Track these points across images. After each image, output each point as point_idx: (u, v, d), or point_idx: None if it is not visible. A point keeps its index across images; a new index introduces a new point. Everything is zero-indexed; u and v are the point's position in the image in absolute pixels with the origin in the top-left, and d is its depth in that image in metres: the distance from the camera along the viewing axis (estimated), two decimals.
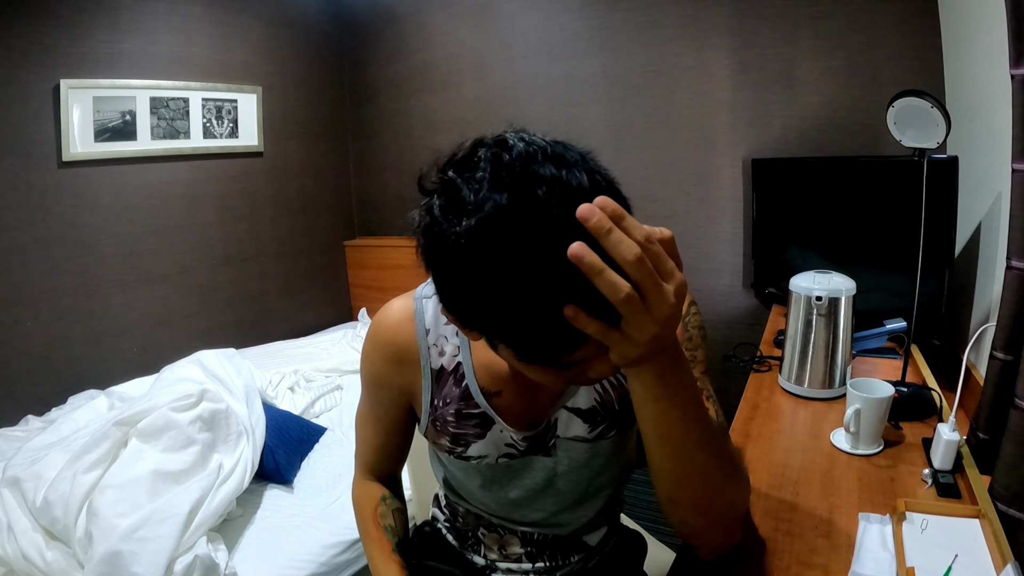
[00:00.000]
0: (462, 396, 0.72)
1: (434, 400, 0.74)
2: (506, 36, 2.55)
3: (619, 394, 0.73)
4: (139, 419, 1.45)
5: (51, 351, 2.09)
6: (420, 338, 0.72)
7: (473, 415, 0.72)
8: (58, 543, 1.29)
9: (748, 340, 1.59)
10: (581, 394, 0.72)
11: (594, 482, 0.77)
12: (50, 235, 2.08)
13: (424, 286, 0.75)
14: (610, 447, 0.75)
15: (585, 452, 0.74)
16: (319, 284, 3.09)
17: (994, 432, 0.86)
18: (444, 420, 0.74)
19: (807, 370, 1.20)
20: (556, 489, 0.76)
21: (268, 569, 1.31)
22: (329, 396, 2.12)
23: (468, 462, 0.75)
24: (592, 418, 0.72)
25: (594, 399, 0.72)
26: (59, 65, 2.05)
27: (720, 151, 2.17)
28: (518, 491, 0.76)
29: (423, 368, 0.73)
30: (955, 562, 0.68)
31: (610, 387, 0.73)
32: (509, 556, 0.82)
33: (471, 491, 0.80)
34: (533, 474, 0.75)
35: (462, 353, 0.72)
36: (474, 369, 0.72)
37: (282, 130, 2.82)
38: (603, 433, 0.73)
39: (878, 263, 1.67)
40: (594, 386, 0.72)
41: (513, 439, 0.73)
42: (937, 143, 1.09)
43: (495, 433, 0.72)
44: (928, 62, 1.73)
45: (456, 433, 0.73)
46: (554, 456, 0.74)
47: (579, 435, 0.73)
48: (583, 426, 0.72)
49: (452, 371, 0.73)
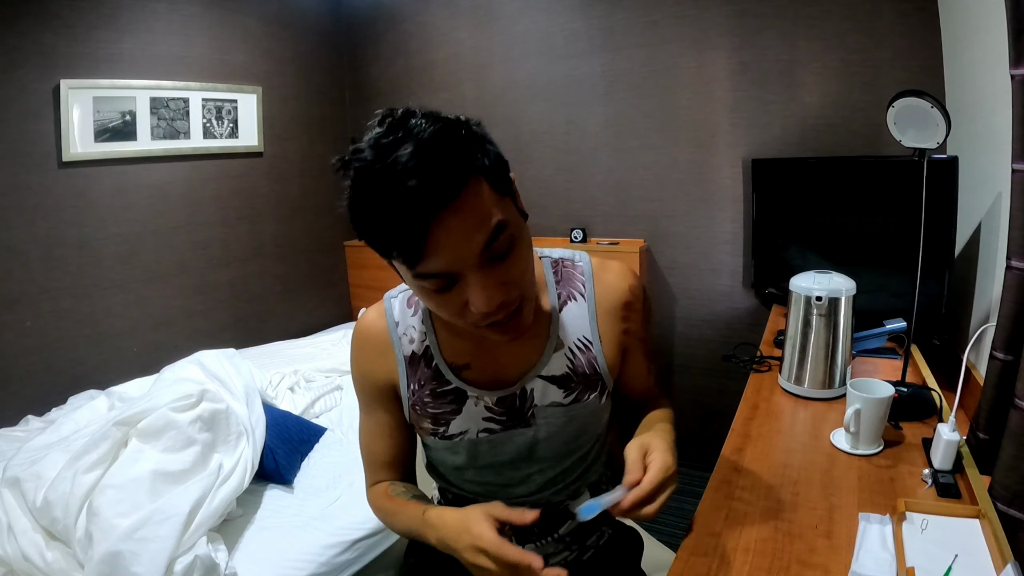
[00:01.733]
0: (434, 376, 0.79)
1: (411, 384, 0.80)
2: (506, 36, 2.55)
3: (588, 357, 0.79)
4: (139, 419, 1.45)
5: (51, 351, 2.09)
6: (391, 330, 0.80)
7: (447, 392, 0.78)
8: (58, 543, 1.29)
9: (748, 340, 1.59)
10: (553, 362, 0.78)
11: (572, 445, 0.83)
12: (50, 235, 2.08)
13: (392, 290, 0.84)
14: (584, 411, 0.81)
15: (562, 417, 0.79)
16: (319, 284, 3.09)
17: (994, 432, 0.86)
18: (422, 402, 0.79)
19: (807, 370, 1.20)
20: (537, 456, 0.81)
21: (268, 569, 1.31)
22: (329, 396, 2.12)
23: (451, 440, 0.80)
24: (567, 384, 0.79)
25: (566, 365, 0.79)
26: (59, 65, 2.05)
27: (720, 151, 2.17)
28: (501, 461, 0.81)
29: (397, 356, 0.80)
30: (955, 562, 0.68)
31: (579, 352, 0.79)
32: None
33: (457, 471, 0.85)
34: (515, 445, 0.80)
35: (428, 337, 0.79)
36: (440, 349, 0.79)
37: (282, 130, 2.82)
38: (578, 397, 0.79)
39: (878, 263, 1.67)
40: (565, 354, 0.78)
41: (491, 409, 0.78)
42: (937, 143, 1.09)
43: (470, 408, 0.78)
44: (928, 62, 1.73)
45: (435, 413, 0.79)
46: (533, 425, 0.79)
47: (556, 401, 0.79)
48: (559, 392, 0.79)
49: (422, 355, 0.79)
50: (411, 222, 0.55)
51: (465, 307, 0.62)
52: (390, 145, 0.55)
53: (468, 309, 0.62)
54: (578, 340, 0.79)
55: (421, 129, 0.55)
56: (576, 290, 0.80)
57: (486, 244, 0.58)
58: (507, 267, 0.62)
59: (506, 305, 0.62)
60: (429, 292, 0.62)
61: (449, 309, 0.63)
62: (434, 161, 0.54)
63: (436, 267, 0.58)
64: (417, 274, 0.59)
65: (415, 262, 0.58)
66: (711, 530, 0.80)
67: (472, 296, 0.60)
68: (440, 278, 0.60)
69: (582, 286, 0.81)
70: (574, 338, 0.79)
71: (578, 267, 0.82)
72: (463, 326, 0.66)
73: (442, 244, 0.56)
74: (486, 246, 0.58)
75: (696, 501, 0.88)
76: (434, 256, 0.57)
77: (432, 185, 0.54)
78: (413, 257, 0.57)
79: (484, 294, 0.60)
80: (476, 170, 0.58)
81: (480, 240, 0.58)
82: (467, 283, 0.60)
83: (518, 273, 0.63)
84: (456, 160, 0.56)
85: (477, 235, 0.58)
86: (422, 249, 0.56)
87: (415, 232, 0.55)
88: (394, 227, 0.56)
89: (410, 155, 0.54)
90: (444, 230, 0.56)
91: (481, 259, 0.59)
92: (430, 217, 0.55)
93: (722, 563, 0.73)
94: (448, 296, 0.62)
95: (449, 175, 0.55)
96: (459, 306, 0.62)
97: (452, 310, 0.63)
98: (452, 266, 0.58)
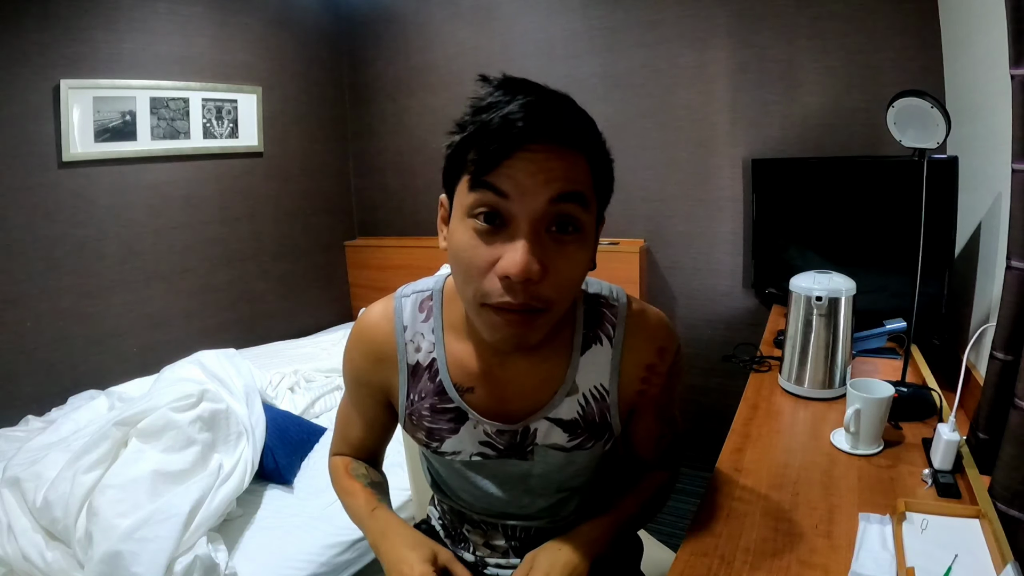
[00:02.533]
0: (436, 391, 0.75)
1: (410, 395, 0.76)
2: (506, 36, 2.55)
3: (601, 407, 0.74)
4: (139, 419, 1.45)
5: (51, 351, 2.09)
6: (398, 334, 0.76)
7: (448, 410, 0.75)
8: (58, 543, 1.29)
9: (748, 340, 1.59)
10: (564, 406, 0.73)
11: (568, 484, 0.80)
12: (50, 235, 2.08)
13: (404, 287, 0.79)
14: (586, 457, 0.76)
15: (561, 459, 0.76)
16: (319, 284, 3.09)
17: (994, 432, 0.86)
18: (420, 414, 0.76)
19: (807, 370, 1.20)
20: (530, 487, 0.79)
21: (268, 569, 1.31)
22: (329, 396, 2.12)
23: (443, 457, 0.77)
24: (573, 429, 0.74)
25: (577, 412, 0.74)
26: (59, 65, 2.05)
27: (720, 151, 2.17)
28: (491, 485, 0.79)
29: (399, 363, 0.76)
30: (955, 562, 0.68)
31: (593, 401, 0.74)
32: (496, 551, 0.84)
33: (451, 487, 0.83)
34: (507, 473, 0.78)
35: (437, 350, 0.75)
36: (448, 366, 0.74)
37: (282, 130, 2.82)
38: (581, 444, 0.75)
39: (878, 263, 1.67)
40: (578, 399, 0.73)
41: (489, 436, 0.74)
42: (937, 143, 1.09)
43: (468, 429, 0.74)
44: (928, 62, 1.73)
45: (431, 428, 0.76)
46: (530, 461, 0.76)
47: (557, 443, 0.74)
48: (563, 435, 0.74)
49: (427, 367, 0.75)
50: (504, 134, 0.55)
51: (492, 266, 0.58)
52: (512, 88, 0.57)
53: (492, 272, 0.58)
54: (594, 388, 0.74)
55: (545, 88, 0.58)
56: (604, 333, 0.74)
57: (558, 196, 0.56)
58: (558, 255, 0.59)
59: (533, 294, 0.58)
60: (469, 233, 0.59)
61: (477, 262, 0.58)
62: (548, 107, 0.56)
63: (504, 185, 0.56)
64: (481, 184, 0.56)
65: (489, 168, 0.56)
66: (711, 530, 0.80)
67: (510, 253, 0.56)
68: (496, 209, 0.57)
69: (611, 329, 0.74)
70: (590, 385, 0.74)
71: (613, 307, 0.75)
72: (472, 299, 0.61)
73: (522, 168, 0.55)
74: (557, 198, 0.56)
75: (696, 501, 0.88)
76: (508, 175, 0.56)
77: (537, 119, 0.55)
78: (491, 162, 0.55)
79: (524, 257, 0.55)
80: (584, 144, 0.59)
81: (556, 188, 0.56)
82: (513, 237, 0.57)
83: (563, 275, 0.60)
84: (570, 119, 0.58)
85: (557, 183, 0.56)
86: (503, 158, 0.55)
87: (504, 142, 0.55)
88: (487, 132, 0.55)
89: (526, 102, 0.55)
90: (530, 157, 0.55)
91: (545, 215, 0.57)
92: (524, 139, 0.55)
93: (722, 563, 0.73)
94: (486, 244, 0.58)
95: (557, 122, 0.56)
96: (488, 261, 0.58)
97: (478, 264, 0.58)
98: (516, 195, 0.56)
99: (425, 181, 2.97)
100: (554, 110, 0.57)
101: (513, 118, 0.54)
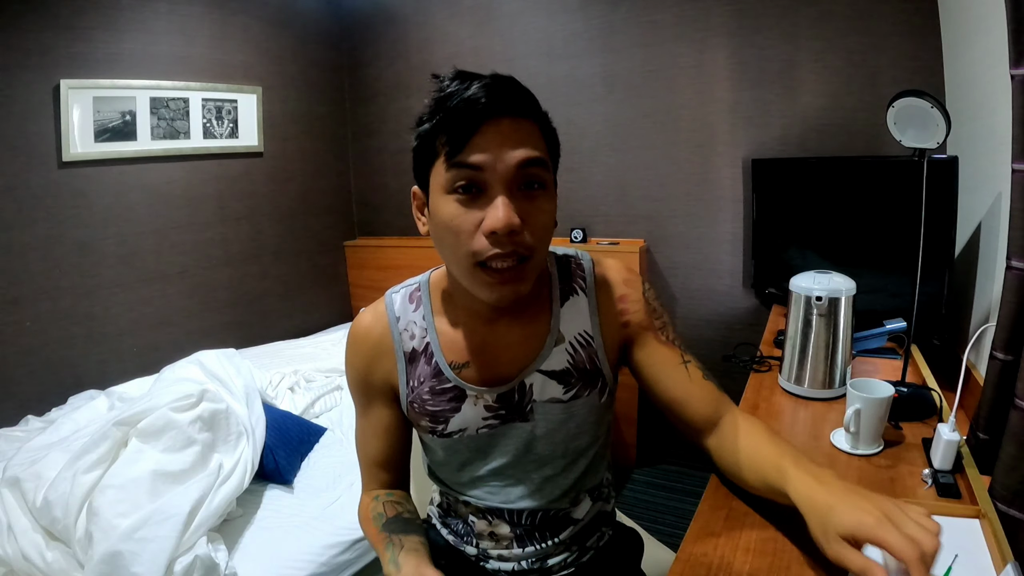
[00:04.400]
0: (434, 373, 0.79)
1: (410, 381, 0.81)
2: (506, 36, 2.55)
3: (589, 353, 0.80)
4: (139, 419, 1.45)
5: (51, 351, 2.09)
6: (392, 326, 0.81)
7: (446, 389, 0.79)
8: (58, 543, 1.29)
9: (748, 340, 1.59)
10: (553, 356, 0.78)
11: (571, 445, 0.81)
12: (50, 235, 2.08)
13: (392, 288, 0.85)
14: (584, 408, 0.80)
15: (561, 413, 0.79)
16: (319, 284, 3.09)
17: (994, 432, 0.86)
18: (421, 399, 0.80)
19: (807, 370, 1.20)
20: (536, 454, 0.81)
21: (268, 569, 1.31)
22: (329, 396, 2.12)
23: (451, 439, 0.80)
24: (566, 379, 0.79)
25: (567, 360, 0.79)
26: (59, 65, 2.05)
27: (720, 151, 2.17)
28: (500, 459, 0.81)
29: (396, 352, 0.81)
30: (955, 562, 0.68)
31: (580, 348, 0.80)
32: (500, 541, 0.85)
33: (456, 473, 0.84)
34: (513, 440, 0.80)
35: (430, 334, 0.80)
36: (441, 347, 0.79)
37: (282, 130, 2.82)
38: (578, 394, 0.79)
39: (878, 263, 1.67)
40: (566, 348, 0.79)
41: (489, 408, 0.78)
42: (937, 143, 1.09)
43: (470, 405, 0.78)
44: (928, 62, 1.73)
45: (434, 411, 0.79)
46: (531, 420, 0.79)
47: (555, 397, 0.79)
48: (558, 387, 0.79)
49: (422, 351, 0.80)
50: (469, 113, 0.63)
51: (477, 229, 0.65)
52: (466, 78, 0.66)
53: (479, 234, 0.65)
54: (579, 335, 0.80)
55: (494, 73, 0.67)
56: (578, 285, 0.82)
57: (525, 162, 0.65)
58: (532, 208, 0.67)
59: (517, 243, 0.65)
60: (452, 206, 0.66)
61: (464, 226, 0.65)
62: (502, 87, 0.65)
63: (477, 159, 0.63)
64: (456, 163, 0.64)
65: (461, 146, 0.64)
66: (711, 530, 0.79)
67: (492, 211, 0.64)
68: (472, 181, 0.65)
69: (583, 281, 0.82)
70: (575, 332, 0.80)
71: (580, 264, 0.84)
72: (463, 261, 0.67)
73: (490, 140, 0.64)
74: (524, 164, 0.65)
75: (696, 501, 0.88)
76: (479, 148, 0.63)
77: (496, 96, 0.63)
78: (461, 140, 0.63)
79: (505, 212, 0.63)
80: (535, 114, 0.68)
81: (521, 155, 0.64)
82: (491, 199, 0.64)
83: (539, 224, 0.67)
84: (520, 94, 0.67)
85: (521, 149, 0.65)
86: (471, 135, 0.63)
87: (470, 121, 0.63)
88: (454, 115, 0.64)
89: (483, 85, 0.64)
90: (495, 130, 0.64)
91: (515, 177, 0.65)
92: (487, 115, 0.63)
93: (722, 563, 0.73)
94: (468, 213, 0.65)
95: (512, 97, 0.65)
96: (473, 225, 0.65)
97: (466, 228, 0.65)
98: (488, 165, 0.64)
99: None
100: (508, 88, 0.65)
101: (476, 97, 0.63)
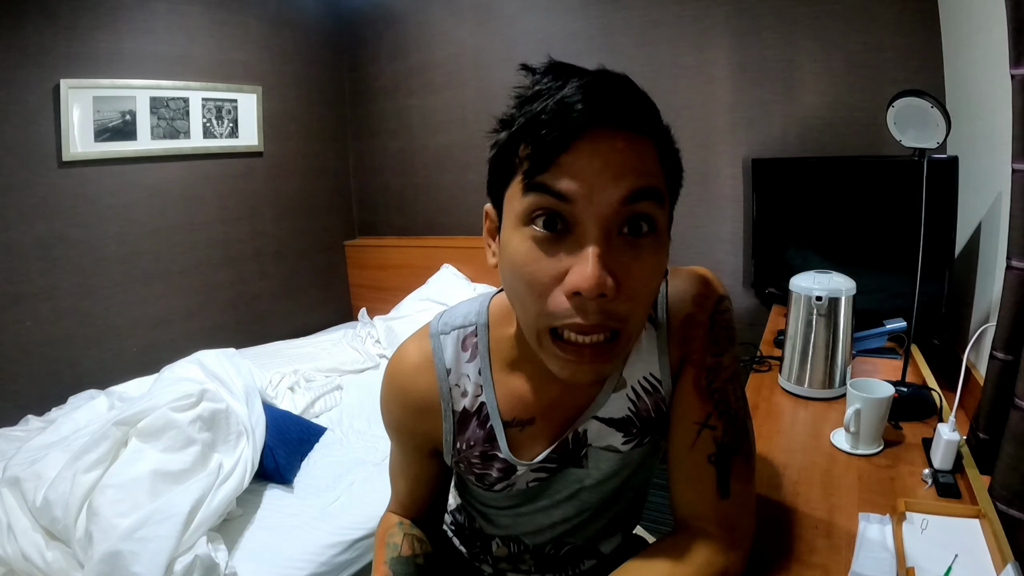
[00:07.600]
0: (487, 438, 0.67)
1: (457, 443, 0.69)
2: (506, 36, 2.55)
3: (655, 400, 0.66)
4: (139, 419, 1.45)
5: (51, 351, 2.09)
6: (440, 380, 0.67)
7: (498, 457, 0.67)
8: (58, 543, 1.29)
9: (748, 340, 1.59)
10: (611, 403, 0.66)
11: (617, 493, 0.72)
12: (50, 235, 2.08)
13: (438, 320, 0.70)
14: (641, 455, 0.69)
15: (616, 463, 0.68)
16: (319, 284, 3.09)
17: (994, 432, 0.86)
18: (469, 462, 0.69)
19: (807, 370, 1.20)
20: (580, 500, 0.71)
21: (268, 569, 1.31)
22: (329, 396, 2.12)
23: (495, 493, 0.70)
24: (627, 428, 0.66)
25: (627, 408, 0.66)
26: (59, 65, 2.05)
27: (720, 151, 2.17)
28: (544, 501, 0.71)
29: (444, 412, 0.68)
30: (955, 562, 0.68)
31: (645, 394, 0.66)
32: (519, 567, 0.79)
33: (493, 512, 0.76)
34: (563, 487, 0.70)
35: (485, 393, 0.67)
36: (500, 408, 0.66)
37: (282, 130, 2.82)
38: (639, 443, 0.67)
39: (878, 263, 1.67)
40: (627, 394, 0.66)
41: (543, 460, 0.68)
42: (937, 143, 1.09)
43: (520, 471, 0.68)
44: (928, 62, 1.73)
45: (481, 473, 0.69)
46: (585, 467, 0.68)
47: (612, 445, 0.67)
48: (617, 435, 0.66)
49: (475, 412, 0.67)
50: (559, 122, 0.46)
51: (557, 281, 0.49)
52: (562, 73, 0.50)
53: (558, 291, 0.49)
54: (644, 379, 0.65)
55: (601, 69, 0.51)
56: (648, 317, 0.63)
57: (630, 196, 0.48)
58: (632, 261, 0.50)
59: (608, 312, 0.49)
60: (527, 244, 0.50)
61: (539, 276, 0.50)
62: (608, 88, 0.48)
63: (565, 187, 0.47)
64: (536, 185, 0.48)
65: (545, 166, 0.47)
66: None
67: (579, 266, 0.47)
68: (556, 213, 0.48)
69: (654, 310, 0.65)
70: (638, 376, 0.65)
71: None
72: (534, 324, 0.52)
73: (585, 163, 0.47)
74: (629, 199, 0.48)
75: None
76: (569, 172, 0.47)
77: (598, 101, 0.46)
78: (545, 158, 0.47)
79: (595, 269, 0.46)
80: (653, 129, 0.51)
81: (627, 186, 0.47)
82: (580, 244, 0.48)
83: (639, 286, 0.50)
84: (634, 99, 0.49)
85: (628, 177, 0.47)
86: (560, 152, 0.46)
87: (560, 133, 0.46)
88: (538, 123, 0.47)
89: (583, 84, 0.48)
90: (593, 148, 0.47)
91: (616, 215, 0.48)
92: (584, 126, 0.46)
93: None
94: (547, 255, 0.49)
95: (621, 103, 0.48)
96: (552, 276, 0.49)
97: (541, 280, 0.50)
98: (580, 197, 0.47)
99: (425, 181, 2.97)
100: (616, 90, 0.48)
101: (570, 102, 0.46)
